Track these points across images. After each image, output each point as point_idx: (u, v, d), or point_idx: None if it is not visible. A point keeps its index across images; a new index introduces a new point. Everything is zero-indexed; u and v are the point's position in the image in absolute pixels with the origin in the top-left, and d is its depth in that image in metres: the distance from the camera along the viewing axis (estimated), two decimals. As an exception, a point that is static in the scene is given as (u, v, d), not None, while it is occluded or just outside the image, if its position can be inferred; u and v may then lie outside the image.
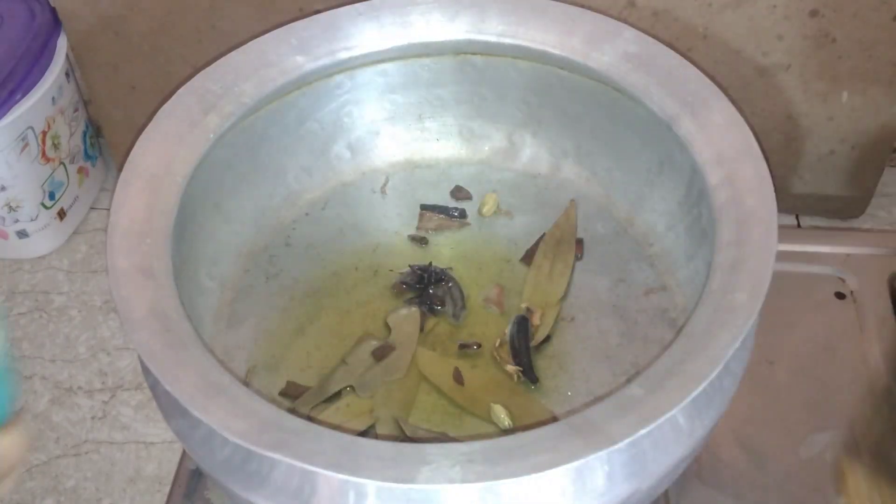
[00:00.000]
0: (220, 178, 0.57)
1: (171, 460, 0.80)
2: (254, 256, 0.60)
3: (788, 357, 0.65)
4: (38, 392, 0.85)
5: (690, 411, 0.44)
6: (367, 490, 0.40)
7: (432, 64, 0.62)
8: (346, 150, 0.65)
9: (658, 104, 0.54)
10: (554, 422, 0.41)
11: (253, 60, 0.57)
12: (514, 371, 0.53)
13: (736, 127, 0.52)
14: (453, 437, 0.51)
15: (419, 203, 0.63)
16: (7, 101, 0.84)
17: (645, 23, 0.74)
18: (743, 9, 0.73)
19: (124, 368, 0.87)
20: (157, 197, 0.50)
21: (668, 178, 0.58)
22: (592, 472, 0.41)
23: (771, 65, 0.77)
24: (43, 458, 0.81)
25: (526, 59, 0.60)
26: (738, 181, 0.50)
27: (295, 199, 0.63)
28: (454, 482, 0.38)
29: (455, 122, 0.66)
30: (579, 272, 0.59)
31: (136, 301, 0.45)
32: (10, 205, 0.89)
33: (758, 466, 0.60)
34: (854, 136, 0.83)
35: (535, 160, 0.65)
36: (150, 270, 0.46)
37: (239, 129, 0.57)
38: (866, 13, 0.73)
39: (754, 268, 0.45)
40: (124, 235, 0.48)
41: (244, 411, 0.41)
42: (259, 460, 0.42)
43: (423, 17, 0.60)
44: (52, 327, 0.90)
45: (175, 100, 0.55)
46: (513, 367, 0.54)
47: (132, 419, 0.84)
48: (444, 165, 0.66)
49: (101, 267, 0.93)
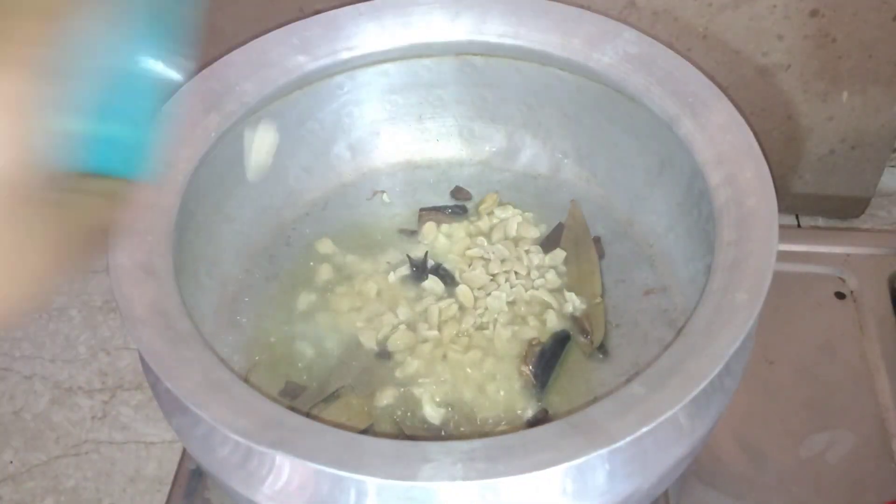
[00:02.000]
0: (221, 178, 0.57)
1: (171, 460, 0.80)
2: (254, 256, 0.60)
3: (788, 357, 0.65)
4: (38, 392, 0.85)
5: (691, 410, 0.44)
6: (368, 488, 0.40)
7: (433, 64, 0.62)
8: (346, 151, 0.65)
9: (658, 105, 0.54)
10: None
11: (254, 60, 0.57)
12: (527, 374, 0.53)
13: (736, 127, 0.52)
14: (453, 435, 0.51)
15: (419, 204, 0.63)
16: (7, 101, 0.84)
17: (645, 23, 0.74)
18: (743, 9, 0.73)
19: (124, 368, 0.87)
20: (158, 195, 0.50)
21: (669, 178, 0.58)
22: (593, 471, 0.42)
23: (771, 65, 0.77)
24: (43, 458, 0.81)
25: (526, 59, 0.60)
26: (739, 181, 0.50)
27: (295, 199, 0.63)
28: (455, 480, 0.38)
29: (455, 123, 0.66)
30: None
31: (137, 299, 0.45)
32: (10, 205, 0.89)
33: (758, 466, 0.60)
34: (854, 136, 0.83)
35: (536, 161, 0.65)
36: (152, 268, 0.46)
37: (240, 129, 0.57)
38: (866, 13, 0.73)
39: (754, 268, 0.46)
40: (125, 233, 0.48)
41: (245, 409, 0.41)
42: (260, 458, 0.42)
43: (424, 18, 0.60)
44: (52, 327, 0.90)
45: (176, 99, 0.55)
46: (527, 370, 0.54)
47: (132, 419, 0.83)
48: (444, 166, 0.66)
49: (101, 267, 0.92)
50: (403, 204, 0.64)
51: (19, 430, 0.83)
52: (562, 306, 0.57)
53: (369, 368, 0.54)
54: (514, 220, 0.61)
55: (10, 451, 0.82)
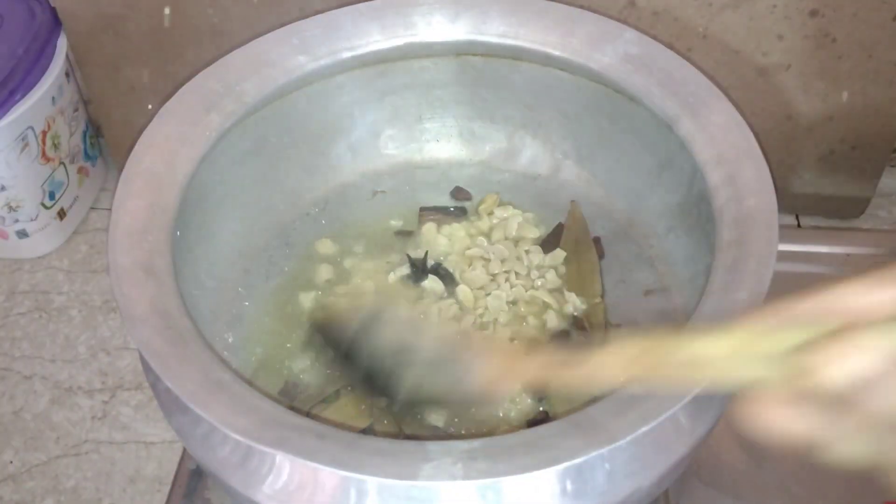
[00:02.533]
0: (221, 178, 0.57)
1: (171, 460, 0.80)
2: (254, 256, 0.60)
3: (788, 357, 0.65)
4: (38, 392, 0.85)
5: (691, 410, 0.44)
6: (368, 487, 0.40)
7: (433, 65, 0.62)
8: (346, 151, 0.65)
9: (658, 105, 0.54)
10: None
11: (254, 60, 0.57)
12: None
13: (736, 127, 0.52)
14: (453, 434, 0.51)
15: (419, 204, 0.63)
16: (7, 101, 0.84)
17: (645, 23, 0.74)
18: (743, 9, 0.73)
19: (124, 368, 0.87)
20: (158, 195, 0.50)
21: (669, 178, 0.58)
22: (593, 470, 0.41)
23: (771, 65, 0.77)
24: (43, 458, 0.81)
25: (526, 59, 0.60)
26: (739, 181, 0.50)
27: (295, 199, 0.63)
28: (455, 479, 0.38)
29: (455, 124, 0.66)
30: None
31: (138, 298, 0.45)
32: (10, 205, 0.89)
33: (758, 466, 0.60)
34: (854, 136, 0.83)
35: (536, 161, 0.65)
36: (152, 268, 0.46)
37: (240, 129, 0.57)
38: (866, 13, 0.74)
39: (754, 268, 0.46)
40: (126, 233, 0.48)
41: (245, 408, 0.41)
42: (260, 457, 0.42)
43: (424, 18, 0.60)
44: (52, 327, 0.90)
45: (177, 98, 0.55)
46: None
47: (132, 419, 0.84)
48: (444, 166, 0.66)
49: (102, 267, 0.93)
50: (403, 204, 0.64)
51: (19, 430, 0.83)
52: (562, 306, 0.57)
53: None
54: (515, 220, 0.61)
55: (10, 451, 0.82)
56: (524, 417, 0.52)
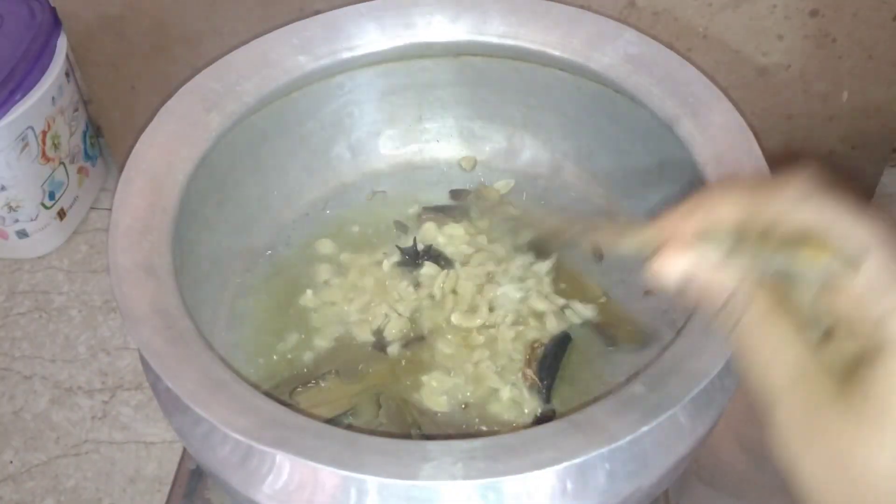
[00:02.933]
0: (222, 177, 0.57)
1: (171, 460, 0.80)
2: (254, 256, 0.60)
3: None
4: (38, 392, 0.85)
5: (691, 410, 0.44)
6: (368, 487, 0.40)
7: (433, 65, 0.62)
8: (346, 151, 0.65)
9: (658, 105, 0.54)
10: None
11: (254, 60, 0.57)
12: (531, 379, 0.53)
13: (736, 127, 0.52)
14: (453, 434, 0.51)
15: (419, 204, 0.63)
16: (7, 101, 0.84)
17: (645, 23, 0.74)
18: (743, 9, 0.73)
19: (124, 368, 0.87)
20: (158, 195, 0.50)
21: (669, 178, 0.58)
22: (594, 470, 0.41)
23: (771, 65, 0.77)
24: (43, 458, 0.81)
25: (526, 60, 0.60)
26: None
27: (295, 199, 0.63)
28: (456, 479, 0.38)
29: (455, 124, 0.66)
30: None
31: (138, 298, 0.45)
32: (10, 205, 0.89)
33: (758, 466, 0.60)
34: (854, 136, 0.83)
35: (536, 161, 0.65)
36: (152, 268, 0.46)
37: (240, 129, 0.57)
38: (866, 13, 0.73)
39: (755, 267, 0.45)
40: (126, 233, 0.48)
41: (246, 408, 0.41)
42: (260, 457, 0.42)
43: (424, 19, 0.60)
44: (52, 327, 0.90)
45: (177, 98, 0.55)
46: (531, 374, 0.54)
47: (132, 419, 0.84)
48: (444, 166, 0.66)
49: (101, 267, 0.93)
50: (403, 204, 0.64)
51: (19, 430, 0.83)
52: (562, 308, 0.57)
53: (366, 357, 0.55)
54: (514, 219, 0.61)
55: (10, 451, 0.82)
56: (531, 416, 0.52)
